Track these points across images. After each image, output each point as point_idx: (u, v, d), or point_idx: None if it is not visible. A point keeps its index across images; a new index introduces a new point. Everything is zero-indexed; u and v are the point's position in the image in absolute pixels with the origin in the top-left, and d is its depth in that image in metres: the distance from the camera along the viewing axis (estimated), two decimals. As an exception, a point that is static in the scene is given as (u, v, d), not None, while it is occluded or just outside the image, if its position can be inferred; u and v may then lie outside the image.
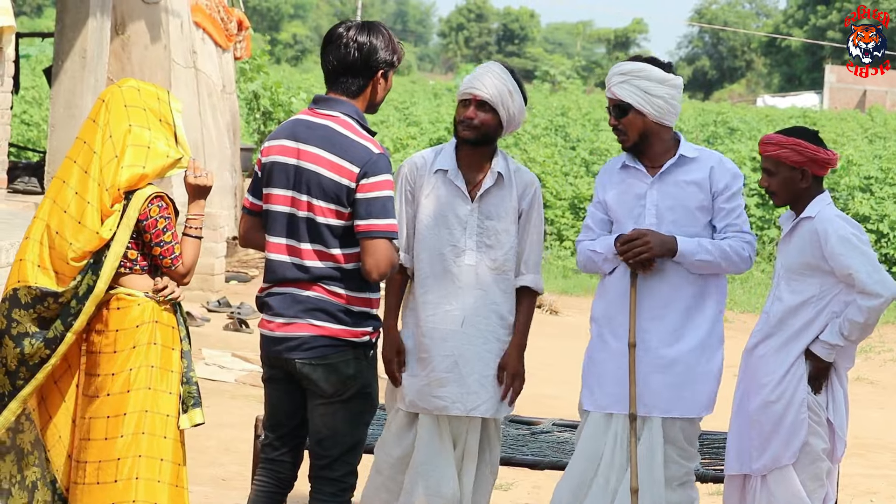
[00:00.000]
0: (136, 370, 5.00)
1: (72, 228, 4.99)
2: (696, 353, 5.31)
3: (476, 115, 5.36)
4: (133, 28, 13.13)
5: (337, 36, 4.89)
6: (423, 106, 31.30)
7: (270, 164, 4.89)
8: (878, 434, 10.02)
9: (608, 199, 5.43)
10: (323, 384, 4.83)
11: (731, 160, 5.55)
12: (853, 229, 5.21)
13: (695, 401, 5.32)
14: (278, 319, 4.88)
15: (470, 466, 5.41)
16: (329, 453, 4.88)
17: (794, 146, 5.20)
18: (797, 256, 5.23)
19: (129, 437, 4.97)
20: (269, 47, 25.04)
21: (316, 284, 4.82)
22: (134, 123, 5.03)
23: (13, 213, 11.12)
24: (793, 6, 68.80)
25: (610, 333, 5.40)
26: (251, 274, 15.50)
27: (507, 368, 5.40)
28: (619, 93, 5.29)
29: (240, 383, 10.15)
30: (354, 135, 4.84)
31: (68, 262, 5.00)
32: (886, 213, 19.20)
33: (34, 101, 25.92)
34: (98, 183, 4.99)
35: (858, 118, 35.18)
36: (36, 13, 60.86)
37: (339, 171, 4.79)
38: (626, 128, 5.32)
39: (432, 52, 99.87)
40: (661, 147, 5.35)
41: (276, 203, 4.87)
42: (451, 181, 5.43)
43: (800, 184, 5.25)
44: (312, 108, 4.93)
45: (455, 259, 5.39)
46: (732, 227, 5.34)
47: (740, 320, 15.37)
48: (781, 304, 5.26)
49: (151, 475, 4.97)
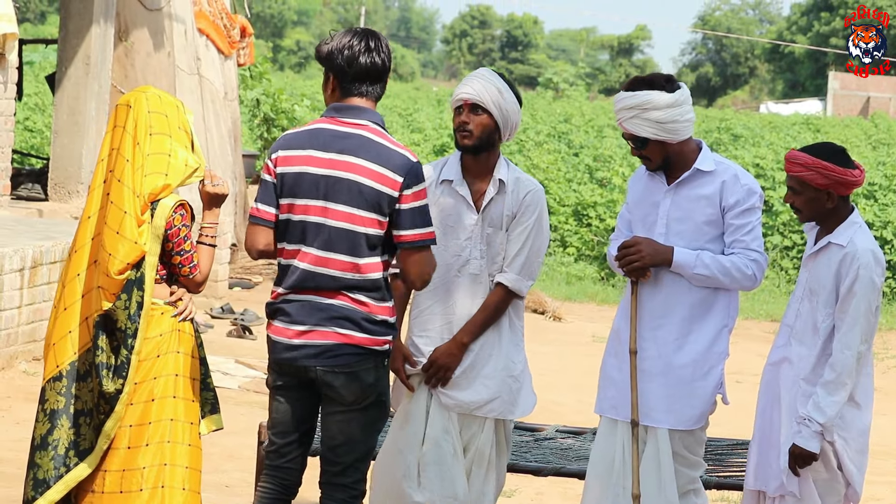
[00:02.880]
0: (161, 379, 4.99)
1: (111, 239, 4.92)
2: (692, 366, 5.28)
3: (470, 118, 5.36)
4: (136, 35, 13.15)
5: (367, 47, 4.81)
6: (426, 112, 31.32)
7: (296, 175, 4.80)
8: (882, 440, 10.01)
9: (632, 202, 5.46)
10: (344, 392, 4.81)
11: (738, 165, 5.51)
12: (879, 268, 5.11)
13: (684, 414, 5.28)
14: (297, 327, 4.82)
15: (479, 472, 5.41)
16: (343, 460, 4.87)
17: (820, 169, 5.08)
18: (824, 284, 5.14)
19: (154, 446, 4.96)
20: (271, 54, 25.04)
21: (340, 293, 4.78)
22: (155, 131, 5.00)
23: (17, 219, 11.13)
24: (796, 13, 68.80)
25: (616, 339, 5.42)
26: (255, 280, 15.51)
27: (432, 355, 5.36)
28: (632, 129, 5.26)
29: (243, 390, 10.15)
30: (390, 143, 4.81)
31: (110, 276, 4.91)
32: (890, 220, 19.20)
33: (37, 108, 25.96)
34: (131, 190, 4.94)
35: (862, 125, 35.18)
36: (39, 20, 60.93)
37: (380, 180, 4.75)
38: (649, 155, 5.32)
39: (435, 59, 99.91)
40: (683, 159, 5.34)
41: (302, 213, 4.79)
42: (457, 191, 5.42)
43: (825, 204, 5.14)
44: (334, 117, 4.85)
45: (460, 268, 5.39)
46: (739, 243, 5.28)
47: (744, 327, 15.35)
48: (804, 321, 5.18)
49: (177, 483, 4.96)
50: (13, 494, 6.98)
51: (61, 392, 5.01)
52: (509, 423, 5.50)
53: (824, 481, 5.13)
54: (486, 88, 5.34)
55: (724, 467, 6.35)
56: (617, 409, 5.34)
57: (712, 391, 5.32)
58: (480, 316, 5.37)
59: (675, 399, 5.27)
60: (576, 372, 11.64)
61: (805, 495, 5.14)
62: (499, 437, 5.47)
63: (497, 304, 5.39)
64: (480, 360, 5.39)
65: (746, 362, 12.29)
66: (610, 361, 5.43)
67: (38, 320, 9.67)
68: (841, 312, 5.08)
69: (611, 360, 5.42)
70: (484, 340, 5.39)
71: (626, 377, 5.32)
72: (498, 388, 5.38)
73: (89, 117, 12.31)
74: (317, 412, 4.96)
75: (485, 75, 5.40)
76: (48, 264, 9.69)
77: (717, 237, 5.32)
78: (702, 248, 5.28)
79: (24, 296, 9.45)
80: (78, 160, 12.31)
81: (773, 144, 25.77)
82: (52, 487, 5.00)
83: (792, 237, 19.63)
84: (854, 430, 5.16)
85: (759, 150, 22.83)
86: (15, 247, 9.38)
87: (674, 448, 5.30)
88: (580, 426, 7.35)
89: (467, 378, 5.37)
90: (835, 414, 5.05)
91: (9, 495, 6.97)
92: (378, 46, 4.84)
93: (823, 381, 5.06)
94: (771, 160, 21.40)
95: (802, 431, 5.06)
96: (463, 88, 5.38)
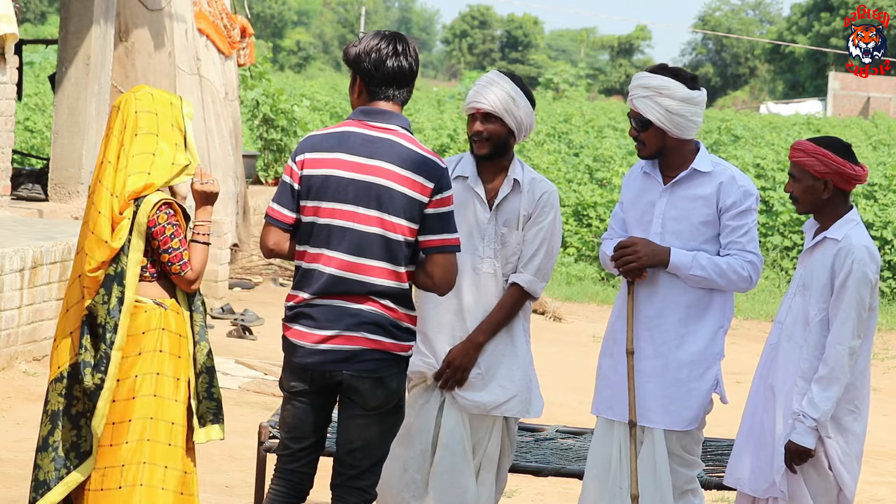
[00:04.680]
0: (142, 377, 5.00)
1: (86, 239, 5.01)
2: (688, 367, 5.29)
3: (484, 127, 5.37)
4: (137, 35, 13.14)
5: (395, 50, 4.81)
6: (426, 113, 31.30)
7: (323, 178, 4.78)
8: (882, 441, 10.02)
9: (626, 201, 5.45)
10: (369, 397, 4.81)
11: (736, 167, 5.51)
12: (874, 265, 5.12)
13: (679, 415, 5.29)
14: (322, 332, 4.79)
15: (486, 475, 5.41)
16: (360, 464, 4.87)
17: (820, 156, 5.11)
18: (817, 278, 5.15)
19: (133, 444, 4.97)
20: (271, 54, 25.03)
21: (369, 299, 4.77)
22: (142, 130, 5.03)
23: (17, 219, 11.13)
24: (796, 13, 68.81)
25: (612, 339, 5.42)
26: (255, 281, 15.51)
27: (448, 356, 5.38)
28: (641, 107, 5.27)
29: (243, 390, 10.14)
30: (420, 149, 4.80)
31: (85, 274, 4.99)
32: (890, 220, 19.21)
33: (37, 108, 25.94)
34: (109, 190, 4.99)
35: (862, 125, 35.18)
36: (40, 20, 60.94)
37: (412, 187, 4.74)
38: (645, 140, 5.32)
39: (436, 59, 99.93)
40: (679, 159, 5.35)
41: (334, 217, 4.76)
42: (471, 188, 5.43)
43: (821, 194, 5.15)
44: (362, 121, 4.84)
45: (475, 266, 5.40)
46: (735, 244, 5.29)
47: (744, 327, 15.36)
48: (794, 315, 5.20)
49: (155, 482, 4.97)
50: (13, 495, 6.98)
51: (62, 393, 5.02)
52: (514, 424, 5.52)
53: (816, 483, 5.13)
54: (499, 97, 5.35)
55: (724, 467, 6.34)
56: (613, 409, 5.35)
57: (708, 391, 5.32)
58: (496, 315, 5.38)
59: (672, 400, 5.28)
60: (576, 372, 11.64)
61: (797, 496, 5.14)
62: (504, 438, 5.48)
63: (513, 304, 5.40)
64: (495, 360, 5.40)
65: (746, 362, 12.29)
66: (605, 362, 5.43)
67: (38, 321, 9.68)
68: (834, 307, 5.09)
69: (606, 361, 5.43)
70: (497, 341, 5.40)
71: (621, 377, 5.32)
72: (515, 387, 5.40)
73: (89, 118, 12.31)
74: (331, 417, 4.96)
75: (497, 81, 5.39)
76: (48, 265, 9.69)
77: (712, 238, 5.32)
78: (698, 249, 5.29)
79: (25, 296, 9.45)
80: (78, 161, 12.31)
81: (773, 145, 25.76)
82: (53, 489, 5.01)
83: (792, 237, 19.63)
84: (850, 434, 5.15)
85: (760, 151, 22.82)
86: (15, 247, 9.38)
87: (671, 448, 5.30)
88: (580, 426, 7.35)
89: (483, 379, 5.38)
90: (829, 409, 5.05)
91: (8, 496, 6.97)
92: (406, 50, 4.83)
93: (817, 376, 5.06)
94: (771, 160, 21.40)
95: (797, 428, 5.06)
96: (476, 97, 5.38)
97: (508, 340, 5.42)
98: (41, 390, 9.15)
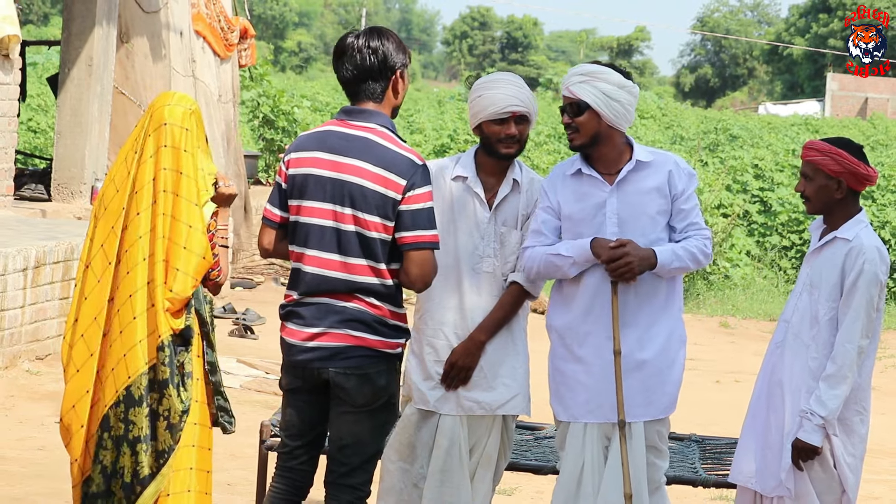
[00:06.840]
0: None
1: (182, 257, 4.84)
2: (661, 355, 5.31)
3: (518, 129, 5.38)
4: (135, 37, 13.20)
5: (349, 46, 4.87)
6: (426, 113, 31.32)
7: (304, 177, 4.85)
8: (880, 439, 10.04)
9: (562, 206, 5.37)
10: (356, 394, 4.85)
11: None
12: (884, 266, 5.16)
13: (661, 403, 5.32)
14: (310, 329, 4.86)
15: (484, 474, 5.43)
16: (351, 461, 4.90)
17: (834, 155, 5.14)
18: (827, 278, 5.17)
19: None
20: (272, 56, 25.07)
21: (354, 296, 4.82)
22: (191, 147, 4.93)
23: (20, 219, 11.18)
24: (794, 14, 68.80)
25: (574, 342, 5.35)
26: (256, 280, 15.56)
27: (451, 356, 5.39)
28: (578, 91, 5.27)
29: (245, 389, 10.18)
30: (396, 146, 4.84)
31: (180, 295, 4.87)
32: (888, 220, 19.26)
33: (41, 109, 25.95)
34: (193, 202, 4.87)
35: (860, 126, 35.19)
36: (42, 22, 60.94)
37: (385, 184, 4.79)
38: (579, 126, 5.29)
39: (436, 60, 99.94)
40: (613, 151, 5.33)
41: (313, 216, 4.83)
42: (471, 188, 5.46)
43: (834, 194, 5.18)
44: (343, 120, 4.90)
45: (474, 266, 5.42)
46: (693, 226, 5.34)
47: (742, 326, 15.34)
48: (801, 314, 5.22)
49: (180, 488, 4.90)
50: (16, 493, 7.01)
51: (121, 418, 4.85)
52: (512, 423, 5.54)
53: (822, 480, 5.16)
54: (529, 98, 5.39)
55: (724, 466, 6.38)
56: (594, 412, 5.29)
57: (680, 375, 5.37)
58: (497, 314, 5.41)
59: (652, 391, 5.29)
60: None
61: (802, 493, 5.17)
62: (503, 437, 5.51)
63: (513, 303, 5.43)
64: (497, 359, 5.42)
65: (745, 362, 12.28)
66: (571, 367, 5.35)
67: (41, 320, 9.72)
68: (844, 306, 5.11)
69: (572, 366, 5.34)
70: (498, 339, 5.43)
71: (597, 381, 5.26)
72: (518, 385, 5.43)
73: (92, 118, 12.36)
74: (328, 415, 4.98)
75: (517, 82, 5.42)
76: (51, 264, 9.74)
77: (666, 226, 5.36)
78: (656, 239, 5.30)
79: (28, 295, 9.50)
80: (81, 161, 12.36)
81: (771, 145, 25.79)
82: None
83: (790, 237, 19.68)
84: (856, 435, 5.20)
85: (758, 151, 22.84)
86: (18, 247, 9.42)
87: (649, 441, 5.30)
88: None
89: (486, 378, 5.40)
90: (836, 407, 5.08)
91: (11, 494, 7.00)
92: (368, 43, 4.87)
93: (825, 374, 5.09)
94: (769, 161, 21.43)
95: (805, 425, 5.10)
96: (512, 101, 5.35)
97: (509, 339, 5.45)
98: (44, 389, 9.19)
